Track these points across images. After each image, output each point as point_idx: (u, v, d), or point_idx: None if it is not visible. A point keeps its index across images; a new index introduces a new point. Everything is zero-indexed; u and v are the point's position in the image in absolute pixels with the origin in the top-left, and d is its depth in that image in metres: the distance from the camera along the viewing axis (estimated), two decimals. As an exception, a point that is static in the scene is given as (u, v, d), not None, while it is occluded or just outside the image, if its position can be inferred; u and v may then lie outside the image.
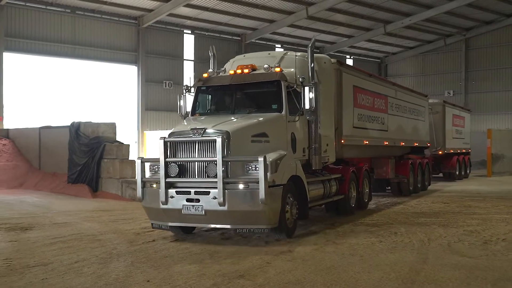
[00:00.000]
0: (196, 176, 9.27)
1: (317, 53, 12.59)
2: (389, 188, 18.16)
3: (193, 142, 9.27)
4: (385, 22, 37.65)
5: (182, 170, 9.34)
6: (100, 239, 9.95)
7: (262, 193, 8.70)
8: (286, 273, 7.21)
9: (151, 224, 10.10)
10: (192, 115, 11.12)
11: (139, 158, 9.92)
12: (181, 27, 33.88)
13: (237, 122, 9.87)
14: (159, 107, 32.29)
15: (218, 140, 8.93)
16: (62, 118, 24.69)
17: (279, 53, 12.08)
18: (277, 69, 10.45)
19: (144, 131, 31.18)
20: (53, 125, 22.30)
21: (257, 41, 37.05)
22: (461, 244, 9.16)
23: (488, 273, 7.14)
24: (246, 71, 10.70)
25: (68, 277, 7.14)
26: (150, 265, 7.77)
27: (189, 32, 34.42)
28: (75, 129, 19.49)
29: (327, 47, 40.76)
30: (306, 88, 10.32)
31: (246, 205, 8.94)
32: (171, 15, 31.53)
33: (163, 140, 9.44)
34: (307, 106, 10.35)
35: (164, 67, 33.00)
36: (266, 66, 10.45)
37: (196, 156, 9.25)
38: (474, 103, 40.77)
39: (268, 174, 8.87)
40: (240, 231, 9.38)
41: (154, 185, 9.69)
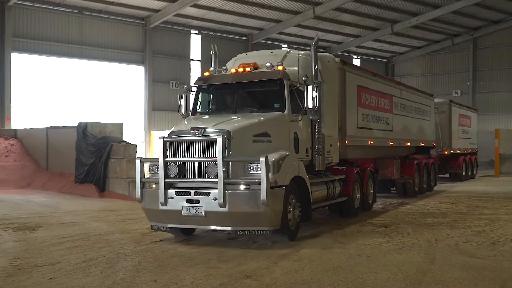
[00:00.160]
0: (196, 177, 9.04)
1: (323, 53, 12.46)
2: (394, 189, 18.00)
3: (193, 142, 9.04)
4: (392, 22, 37.54)
5: (182, 171, 9.11)
6: (107, 239, 9.98)
7: (264, 194, 8.48)
8: (293, 273, 7.20)
9: (151, 226, 9.88)
10: (193, 115, 10.91)
11: (138, 158, 9.73)
12: (188, 27, 33.92)
13: (238, 122, 9.65)
14: (166, 107, 32.33)
15: (219, 140, 8.73)
16: (70, 118, 24.80)
17: (282, 52, 11.79)
18: (280, 68, 10.21)
19: (151, 131, 31.25)
20: (61, 125, 22.39)
21: (264, 41, 37.00)
22: (469, 245, 9.12)
23: (496, 274, 7.11)
24: (248, 70, 10.47)
25: (76, 277, 7.17)
26: (157, 265, 7.78)
27: (196, 32, 34.47)
28: (83, 129, 19.58)
29: (334, 47, 40.68)
30: (309, 87, 10.08)
31: (247, 207, 8.70)
32: (178, 15, 31.58)
33: (163, 140, 9.24)
34: (310, 106, 10.11)
35: (171, 67, 33.06)
36: (269, 65, 10.22)
37: (196, 156, 9.01)
38: (482, 103, 40.60)
39: (270, 175, 8.64)
40: (241, 233, 9.14)
41: (153, 186, 9.47)
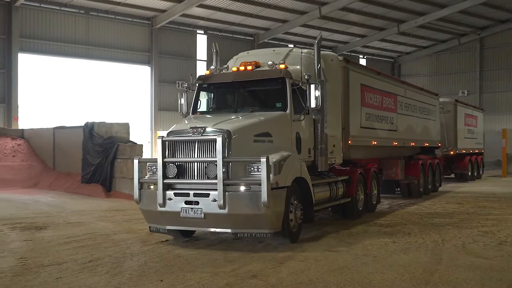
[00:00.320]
0: (195, 177, 8.81)
1: (329, 52, 12.35)
2: (399, 190, 17.87)
3: (193, 142, 8.82)
4: (399, 22, 37.46)
5: (181, 171, 8.88)
6: (114, 239, 10.00)
7: (265, 196, 8.25)
8: (299, 273, 7.19)
9: (149, 228, 9.66)
10: (193, 114, 10.73)
11: (136, 158, 9.55)
12: (194, 28, 33.99)
13: (239, 121, 9.43)
14: (172, 107, 32.23)
15: (218, 140, 8.51)
16: (76, 119, 24.91)
17: (284, 50, 11.49)
18: (282, 66, 10.01)
19: (157, 131, 31.28)
20: (67, 125, 22.45)
21: (270, 41, 36.98)
22: (476, 245, 9.08)
23: (503, 274, 7.08)
24: (250, 68, 10.29)
25: (82, 276, 7.19)
26: (163, 265, 7.79)
27: (202, 33, 34.53)
28: (89, 129, 19.63)
29: (340, 47, 40.64)
30: (312, 86, 9.86)
31: (248, 208, 8.47)
32: (184, 16, 31.65)
33: (161, 140, 9.01)
34: (313, 105, 9.89)
35: (177, 68, 33.12)
36: (271, 63, 10.05)
37: (196, 156, 8.78)
38: (489, 103, 40.42)
39: (271, 176, 8.43)
40: (241, 236, 8.93)
41: (152, 187, 9.24)
